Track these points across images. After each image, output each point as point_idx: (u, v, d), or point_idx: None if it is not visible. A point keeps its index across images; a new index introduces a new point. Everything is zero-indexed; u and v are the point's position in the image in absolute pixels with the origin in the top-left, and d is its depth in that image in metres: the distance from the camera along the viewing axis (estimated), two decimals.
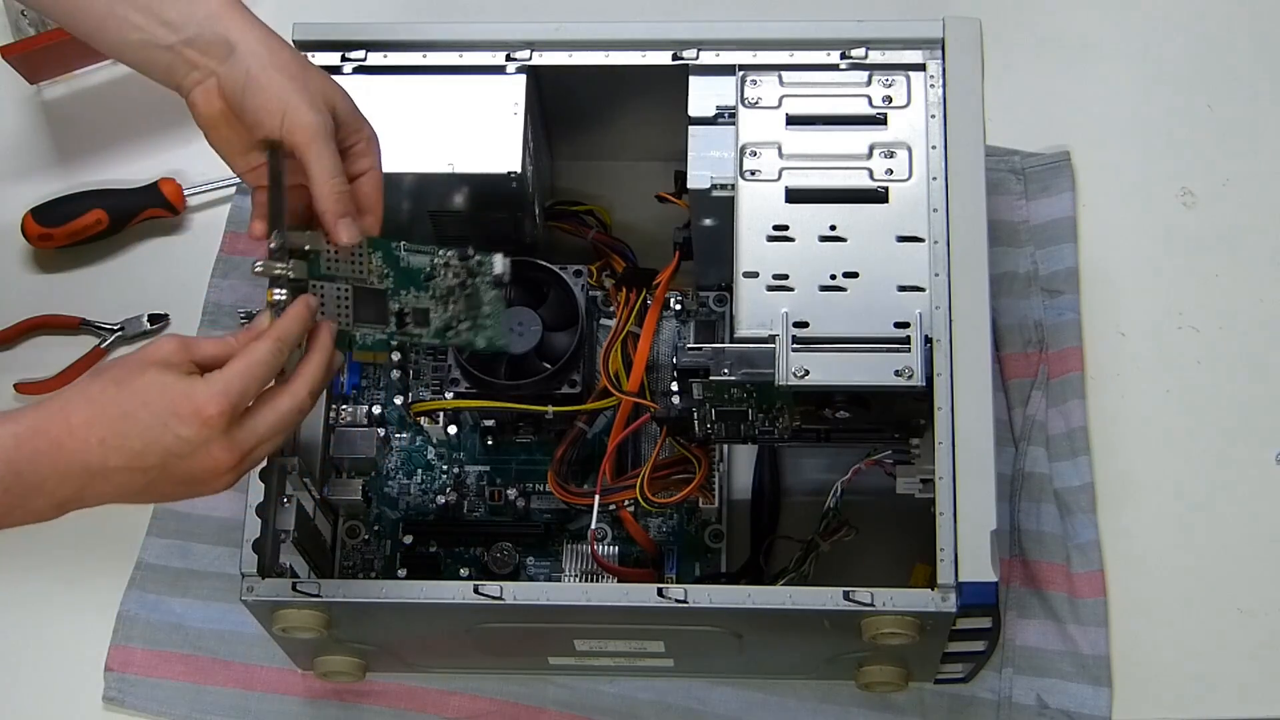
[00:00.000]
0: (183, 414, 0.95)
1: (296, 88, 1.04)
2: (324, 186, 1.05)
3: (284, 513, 1.13)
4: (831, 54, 1.17)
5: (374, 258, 1.10)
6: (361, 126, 1.08)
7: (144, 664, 1.26)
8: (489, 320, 1.14)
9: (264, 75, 1.04)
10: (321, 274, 1.08)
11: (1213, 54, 1.43)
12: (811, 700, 1.23)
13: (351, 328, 1.09)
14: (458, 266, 1.13)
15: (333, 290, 1.08)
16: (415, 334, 1.12)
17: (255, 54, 1.04)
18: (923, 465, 1.14)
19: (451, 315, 1.13)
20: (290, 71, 1.04)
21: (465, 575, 1.24)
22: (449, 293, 1.13)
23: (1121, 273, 1.36)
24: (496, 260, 1.14)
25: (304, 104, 1.04)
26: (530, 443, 1.27)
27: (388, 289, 1.11)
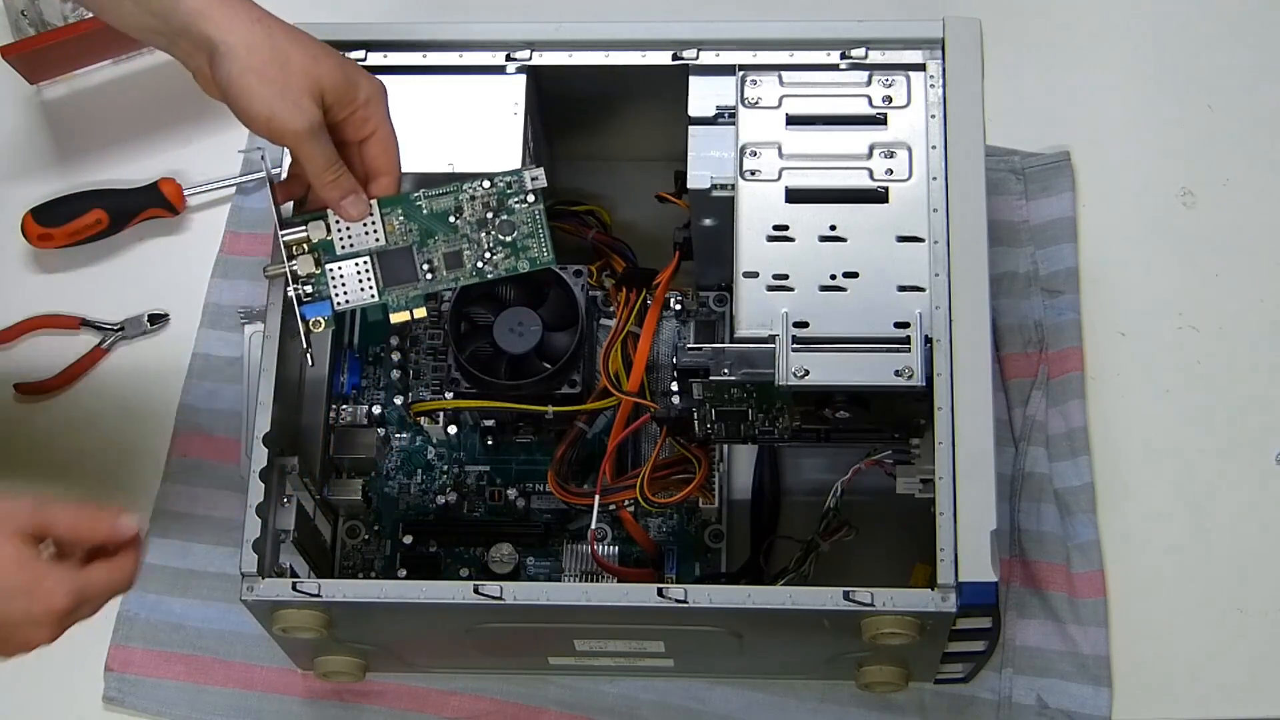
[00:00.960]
0: (33, 595, 0.96)
1: (276, 91, 1.03)
2: (318, 181, 1.07)
3: (284, 513, 1.13)
4: (831, 54, 1.17)
5: (393, 218, 1.10)
6: (356, 92, 1.07)
7: (144, 664, 1.26)
8: (530, 240, 1.12)
9: (243, 80, 1.03)
10: (338, 255, 1.09)
11: (1213, 54, 1.43)
12: (811, 700, 1.23)
13: (382, 296, 1.10)
14: (484, 194, 1.11)
15: (351, 268, 1.09)
16: (450, 278, 1.11)
17: (235, 56, 1.03)
18: (923, 465, 1.14)
19: (490, 244, 1.12)
20: (269, 74, 1.03)
21: (465, 575, 1.24)
22: (480, 225, 1.12)
23: (1121, 273, 1.36)
24: (526, 175, 1.12)
25: (285, 107, 1.03)
26: (530, 443, 1.27)
27: (412, 244, 1.11)
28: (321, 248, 1.10)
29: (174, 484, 1.31)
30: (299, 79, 1.04)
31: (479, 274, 1.12)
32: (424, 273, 1.11)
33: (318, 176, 1.06)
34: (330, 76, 1.06)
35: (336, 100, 1.06)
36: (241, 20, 1.04)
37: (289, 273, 1.10)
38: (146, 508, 1.30)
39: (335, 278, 1.10)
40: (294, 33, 1.06)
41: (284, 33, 1.05)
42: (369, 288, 1.11)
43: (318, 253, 1.11)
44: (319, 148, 1.05)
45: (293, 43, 1.05)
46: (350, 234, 1.10)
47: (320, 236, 1.10)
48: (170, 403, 1.33)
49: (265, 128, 1.04)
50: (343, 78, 1.06)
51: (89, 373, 1.36)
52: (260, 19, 1.04)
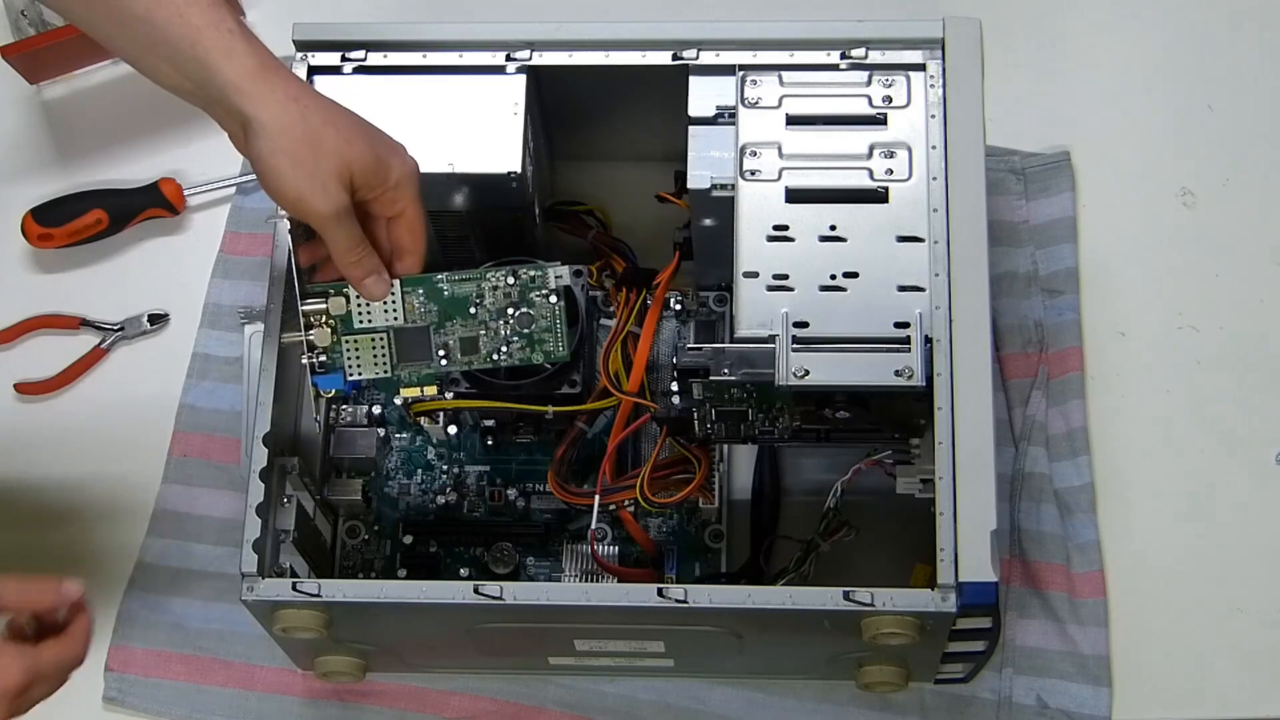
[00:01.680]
0: None
1: (305, 174, 1.03)
2: (341, 261, 1.07)
3: (284, 513, 1.13)
4: (831, 54, 1.17)
5: (414, 297, 1.11)
6: (388, 175, 1.07)
7: (144, 664, 1.26)
8: (547, 334, 1.13)
9: (272, 159, 1.03)
10: (355, 329, 1.11)
11: (1213, 54, 1.43)
12: (811, 700, 1.24)
13: (394, 372, 1.12)
14: (507, 286, 1.13)
15: (367, 343, 1.11)
16: (463, 362, 1.13)
17: (267, 134, 1.03)
18: (923, 465, 1.14)
19: (504, 338, 1.13)
20: (299, 155, 1.03)
21: (465, 575, 1.24)
22: (500, 314, 1.13)
23: (1121, 273, 1.36)
24: (551, 272, 1.13)
25: (313, 190, 1.03)
26: (530, 443, 1.27)
27: (430, 324, 1.12)
28: (340, 320, 1.11)
29: (174, 484, 1.31)
30: (328, 162, 1.04)
31: (493, 361, 1.13)
32: (438, 355, 1.12)
33: (341, 257, 1.07)
34: (361, 160, 1.05)
35: (366, 183, 1.06)
36: (278, 97, 1.03)
37: (305, 342, 1.11)
38: (146, 508, 1.30)
39: (350, 352, 1.12)
40: (330, 111, 1.05)
41: (319, 112, 1.04)
42: (382, 363, 1.12)
43: (335, 324, 1.11)
44: (343, 231, 1.06)
45: (326, 123, 1.04)
46: (369, 310, 1.11)
47: (340, 311, 1.11)
48: (170, 403, 1.33)
49: (292, 208, 1.05)
50: (374, 160, 1.06)
51: (89, 373, 1.36)
52: (297, 97, 1.04)
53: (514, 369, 1.20)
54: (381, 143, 1.07)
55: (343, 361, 1.12)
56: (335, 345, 1.11)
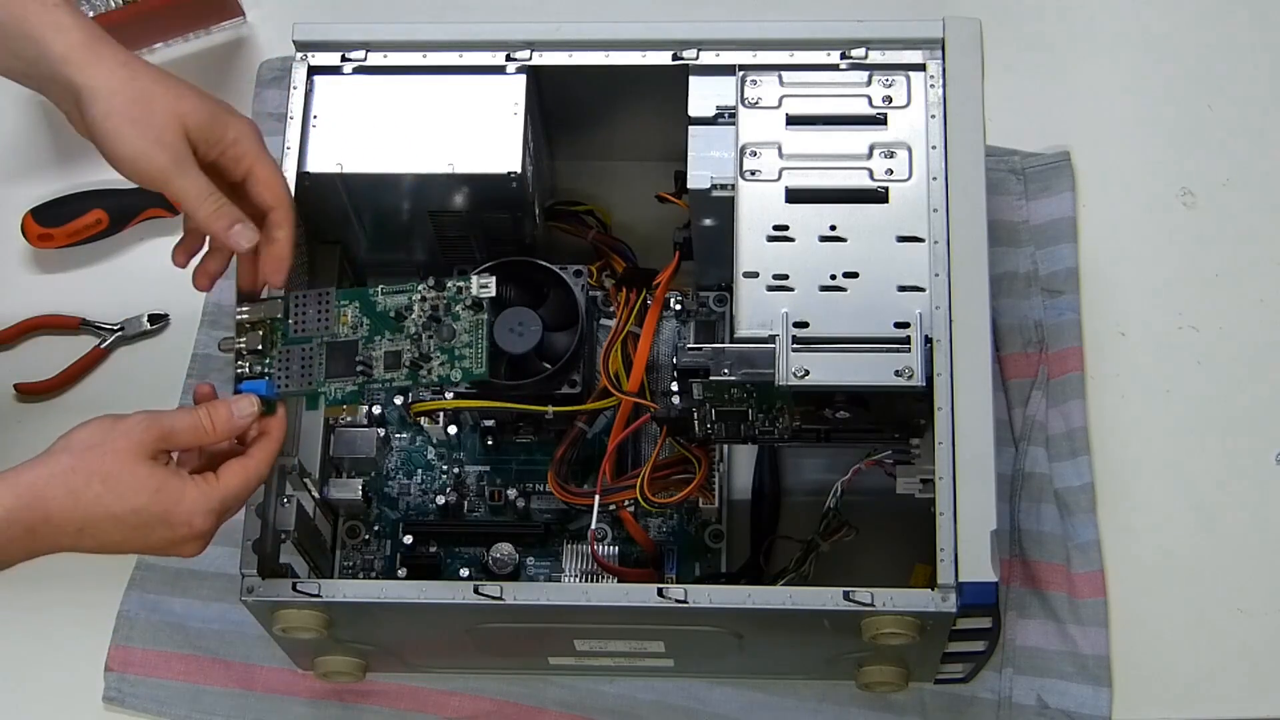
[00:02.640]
0: (174, 521, 0.99)
1: (139, 131, 1.03)
2: (198, 216, 1.06)
3: (284, 513, 1.13)
4: (831, 54, 1.17)
5: (348, 310, 1.09)
6: (224, 130, 1.06)
7: (144, 664, 1.26)
8: (467, 350, 1.09)
9: (106, 123, 1.04)
10: (291, 339, 1.09)
11: (1213, 54, 1.43)
12: (811, 700, 1.24)
13: (319, 385, 1.08)
14: (433, 297, 1.09)
15: (299, 352, 1.09)
16: (385, 379, 1.09)
17: (99, 99, 1.04)
18: (923, 465, 1.14)
19: (426, 351, 1.09)
20: (131, 114, 1.03)
21: (465, 575, 1.24)
22: (423, 328, 1.10)
23: (1121, 273, 1.36)
24: (473, 280, 1.09)
25: (147, 146, 1.03)
26: (530, 443, 1.27)
27: (360, 339, 1.09)
28: (276, 329, 1.09)
29: None
30: (161, 117, 1.04)
31: (413, 377, 1.09)
32: (360, 369, 1.08)
33: (196, 211, 1.06)
34: (195, 114, 1.05)
35: (203, 138, 1.05)
36: (106, 64, 1.04)
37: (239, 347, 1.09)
38: None
39: (280, 361, 1.09)
40: (160, 74, 1.06)
41: (149, 75, 1.05)
42: (311, 376, 1.08)
43: (271, 333, 1.09)
44: (189, 181, 1.05)
45: (156, 82, 1.05)
46: (305, 319, 1.09)
47: (271, 313, 1.09)
48: (170, 403, 1.33)
49: (132, 169, 1.04)
50: (208, 115, 1.06)
51: (89, 373, 1.36)
52: (125, 63, 1.05)
53: (514, 367, 1.20)
54: (214, 101, 1.07)
55: (271, 370, 1.09)
56: (271, 355, 1.09)
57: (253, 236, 1.07)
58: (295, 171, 1.18)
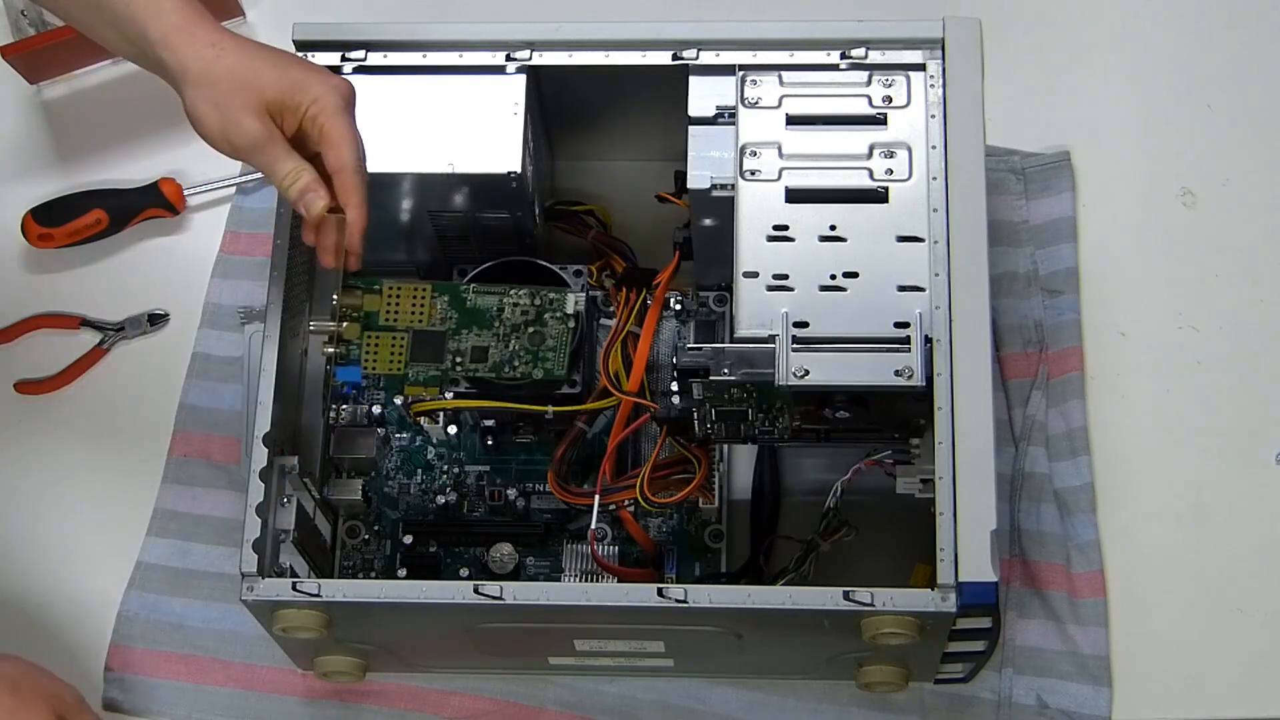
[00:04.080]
0: None
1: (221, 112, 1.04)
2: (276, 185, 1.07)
3: (284, 513, 1.13)
4: (831, 54, 1.17)
5: (437, 302, 1.16)
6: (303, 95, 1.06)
7: (144, 664, 1.26)
8: (551, 354, 1.17)
9: (195, 108, 1.05)
10: (379, 326, 1.15)
11: (1213, 54, 1.43)
12: (811, 700, 1.23)
13: (405, 368, 1.16)
14: (525, 305, 1.16)
15: (387, 340, 1.15)
16: (471, 369, 1.16)
17: (190, 83, 1.05)
18: (923, 465, 1.14)
19: (514, 350, 1.17)
20: (215, 98, 1.04)
21: (465, 575, 1.24)
22: (513, 330, 1.17)
23: (1121, 273, 1.36)
24: (569, 298, 1.17)
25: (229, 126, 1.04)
26: (530, 443, 1.27)
27: (448, 330, 1.16)
28: (365, 315, 1.16)
29: (174, 484, 1.31)
30: (240, 97, 1.05)
31: (498, 371, 1.17)
32: (451, 359, 1.16)
33: (273, 181, 1.07)
34: (273, 86, 1.05)
35: (283, 106, 1.06)
36: (198, 45, 1.05)
37: (334, 334, 1.15)
38: (147, 508, 1.30)
39: (370, 347, 1.16)
40: (246, 50, 1.06)
41: (234, 53, 1.05)
42: (397, 361, 1.16)
43: (361, 319, 1.16)
44: (267, 157, 1.05)
45: (239, 62, 1.05)
46: (396, 309, 1.15)
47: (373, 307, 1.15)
48: (170, 403, 1.33)
49: (220, 148, 1.06)
50: (286, 84, 1.06)
51: (89, 373, 1.36)
52: (215, 42, 1.05)
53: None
54: (297, 66, 1.07)
55: (361, 355, 1.16)
56: (357, 339, 1.16)
57: (319, 202, 1.06)
58: None
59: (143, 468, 1.31)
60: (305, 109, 1.06)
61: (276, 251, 1.16)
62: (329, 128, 1.06)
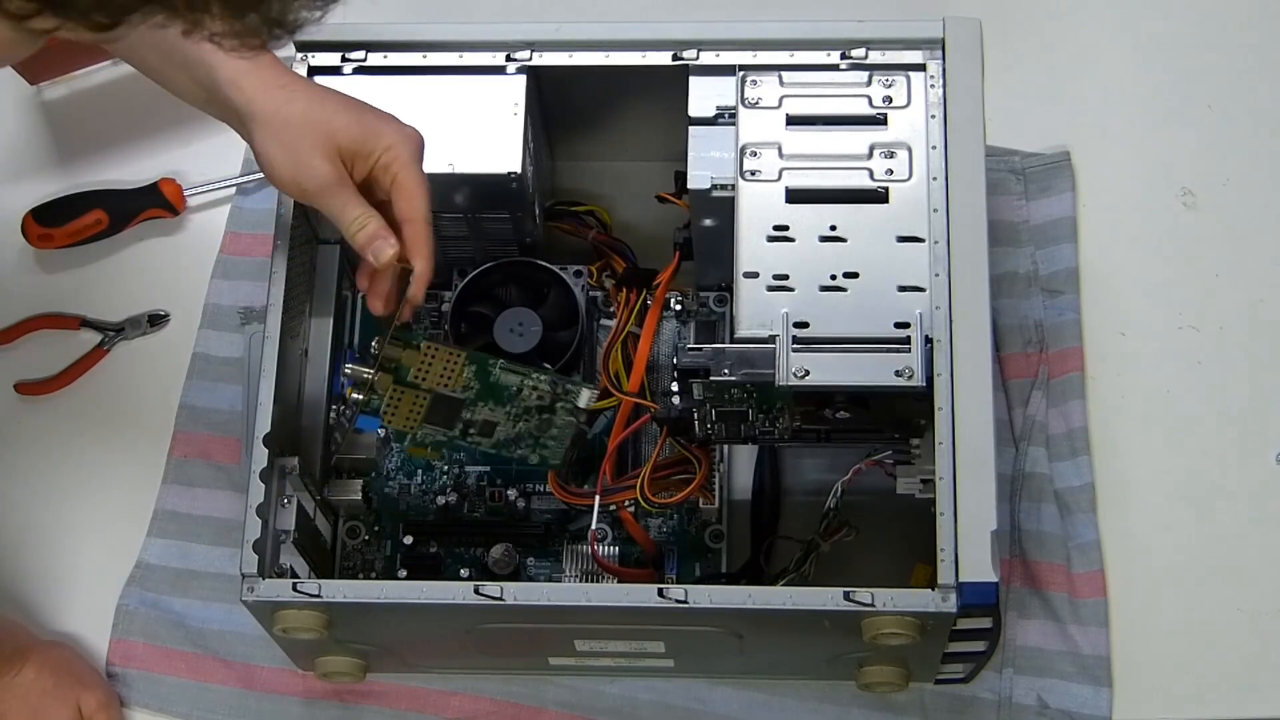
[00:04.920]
0: None
1: (292, 155, 1.05)
2: (345, 232, 1.07)
3: (284, 513, 1.13)
4: (831, 54, 1.17)
5: (466, 370, 1.14)
6: (376, 142, 1.07)
7: (145, 659, 1.26)
8: (552, 442, 1.17)
9: (263, 149, 1.05)
10: (406, 381, 1.14)
11: (1213, 54, 1.43)
12: (811, 700, 1.23)
13: (416, 429, 1.15)
14: (544, 390, 1.16)
15: (410, 396, 1.14)
16: (477, 441, 1.16)
17: (258, 125, 1.05)
18: (923, 465, 1.14)
19: (520, 432, 1.16)
20: (285, 140, 1.05)
21: (465, 575, 1.24)
22: (525, 412, 1.16)
23: (1121, 273, 1.36)
24: (584, 394, 1.16)
25: (299, 168, 1.05)
26: None
27: (466, 399, 1.15)
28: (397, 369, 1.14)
29: (174, 484, 1.31)
30: (312, 139, 1.05)
31: (500, 448, 1.17)
32: (462, 427, 1.16)
33: (340, 226, 1.07)
34: (346, 131, 1.06)
35: (355, 152, 1.06)
36: (267, 88, 1.05)
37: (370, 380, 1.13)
38: (146, 508, 1.30)
39: (393, 399, 1.14)
40: (316, 93, 1.07)
41: (305, 95, 1.06)
42: (413, 418, 1.15)
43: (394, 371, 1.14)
44: (335, 202, 1.06)
45: (311, 103, 1.06)
46: (427, 370, 1.14)
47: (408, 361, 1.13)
48: (170, 403, 1.33)
49: (288, 190, 1.08)
50: (360, 131, 1.07)
51: (89, 373, 1.36)
52: (285, 85, 1.06)
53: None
54: (370, 114, 1.08)
55: (382, 406, 1.14)
56: (386, 394, 1.14)
57: (388, 250, 1.07)
58: None
59: (143, 468, 1.31)
60: (378, 157, 1.07)
61: (276, 251, 1.16)
62: (403, 177, 1.07)
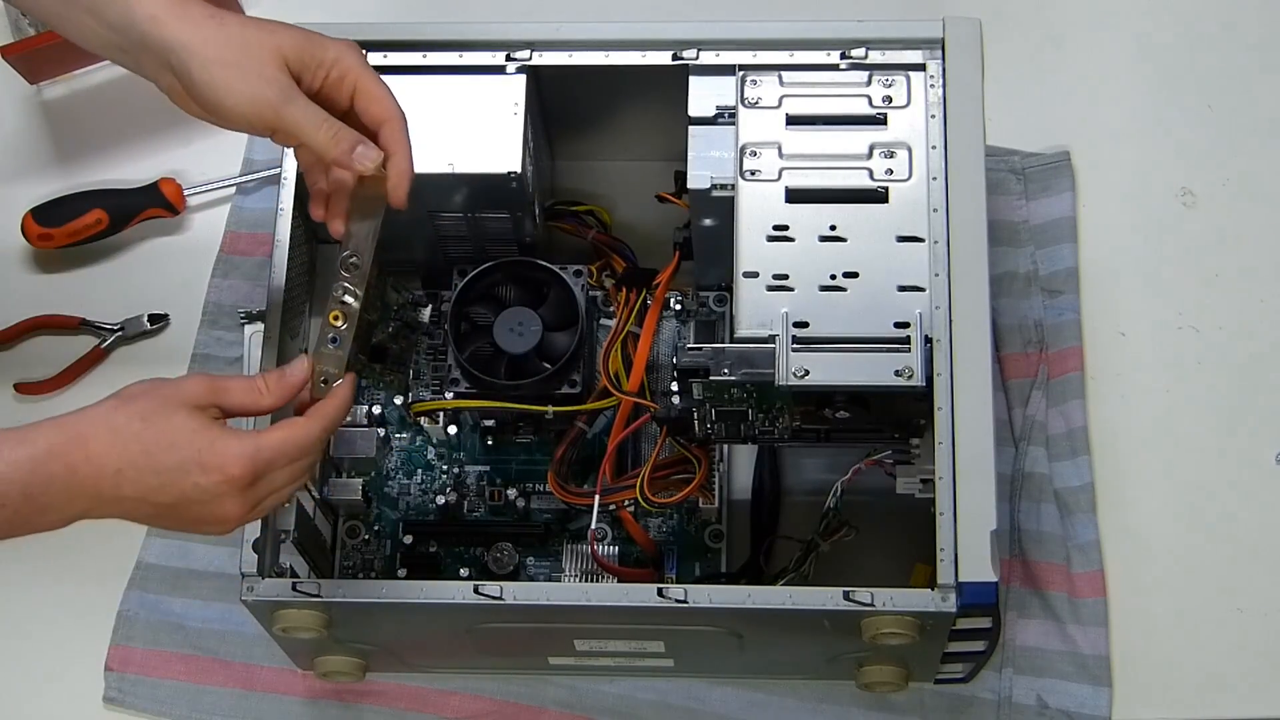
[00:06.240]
0: (207, 465, 0.97)
1: (239, 75, 1.01)
2: (316, 141, 1.04)
3: (284, 513, 1.13)
4: (831, 54, 1.17)
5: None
6: (324, 53, 1.04)
7: (144, 664, 1.26)
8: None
9: (206, 74, 1.01)
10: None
11: (1213, 54, 1.43)
12: (811, 700, 1.23)
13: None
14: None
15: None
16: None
17: (194, 53, 1.01)
18: (923, 465, 1.14)
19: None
20: (229, 59, 1.01)
21: (465, 575, 1.24)
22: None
23: (1121, 273, 1.36)
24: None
25: (252, 84, 1.01)
26: (530, 443, 1.27)
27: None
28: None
29: None
30: (258, 53, 1.02)
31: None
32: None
33: (314, 138, 1.04)
34: (291, 42, 1.03)
35: (303, 65, 1.03)
36: (195, 18, 1.02)
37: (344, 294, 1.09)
38: None
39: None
40: (249, 19, 1.05)
41: (238, 21, 1.04)
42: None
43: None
44: (299, 111, 1.03)
45: (246, 25, 1.03)
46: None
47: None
48: None
49: (239, 115, 1.02)
50: (304, 40, 1.04)
51: (89, 373, 1.36)
52: (213, 14, 1.03)
53: (514, 367, 1.20)
54: (304, 30, 1.05)
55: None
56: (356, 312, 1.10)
57: (376, 156, 1.05)
58: (295, 171, 1.18)
59: None
60: (328, 70, 1.04)
61: (276, 251, 1.16)
62: (364, 82, 1.05)
